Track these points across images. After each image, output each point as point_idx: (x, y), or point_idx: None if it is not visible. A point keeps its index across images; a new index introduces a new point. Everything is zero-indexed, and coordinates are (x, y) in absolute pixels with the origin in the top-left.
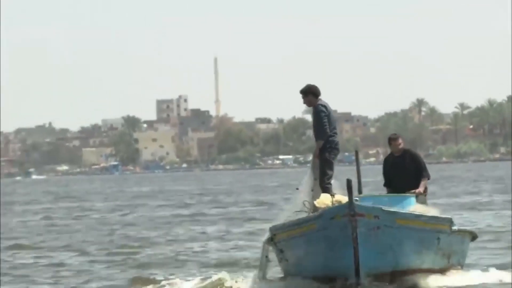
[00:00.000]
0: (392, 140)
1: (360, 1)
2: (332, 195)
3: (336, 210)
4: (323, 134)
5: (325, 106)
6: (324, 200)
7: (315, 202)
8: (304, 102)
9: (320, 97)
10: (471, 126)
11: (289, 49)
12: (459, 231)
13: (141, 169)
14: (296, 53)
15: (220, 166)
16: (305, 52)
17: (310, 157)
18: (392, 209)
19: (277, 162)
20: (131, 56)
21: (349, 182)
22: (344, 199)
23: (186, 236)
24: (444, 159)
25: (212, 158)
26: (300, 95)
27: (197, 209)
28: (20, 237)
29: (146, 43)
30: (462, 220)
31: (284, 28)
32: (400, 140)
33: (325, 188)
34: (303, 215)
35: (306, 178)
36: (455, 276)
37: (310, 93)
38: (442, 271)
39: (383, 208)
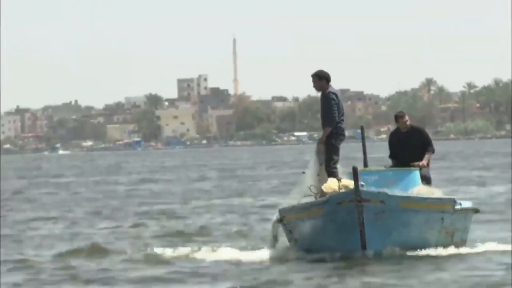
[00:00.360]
0: (399, 117)
1: None
2: (339, 180)
3: (343, 196)
4: (331, 121)
5: (335, 94)
6: (331, 185)
7: (322, 187)
8: (315, 86)
9: (330, 83)
10: (478, 105)
11: (304, 30)
12: (462, 209)
13: (162, 145)
14: (310, 35)
15: (238, 142)
16: (319, 34)
17: None
18: (396, 193)
19: (293, 138)
20: (154, 37)
21: (355, 170)
22: (351, 183)
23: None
24: (452, 136)
25: (230, 134)
26: (312, 79)
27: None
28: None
29: (168, 25)
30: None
31: (299, 10)
32: (406, 117)
33: (331, 172)
34: (310, 199)
35: (311, 163)
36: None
37: (324, 78)
38: (445, 248)
39: (389, 193)
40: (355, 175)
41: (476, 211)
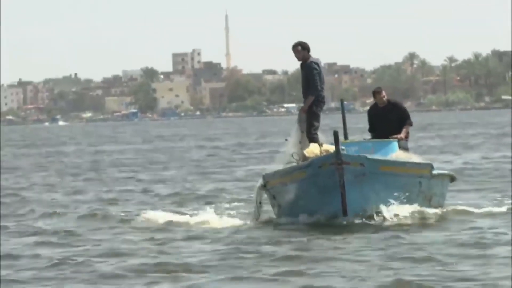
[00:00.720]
0: (376, 93)
1: None
2: (320, 145)
3: (324, 159)
4: (314, 89)
5: (317, 63)
6: (313, 150)
7: (304, 152)
8: (297, 56)
9: (310, 53)
10: (458, 78)
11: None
12: (439, 175)
13: (158, 116)
14: (299, 10)
15: (230, 114)
16: (308, 9)
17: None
18: (376, 157)
19: (282, 110)
20: (150, 13)
21: (335, 133)
22: (332, 148)
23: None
24: (433, 107)
25: (222, 106)
26: (294, 49)
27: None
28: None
29: (163, 2)
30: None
31: None
32: (383, 93)
33: (313, 138)
34: (293, 165)
35: (293, 131)
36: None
37: (306, 49)
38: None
39: (368, 157)
40: (336, 139)
41: (452, 178)
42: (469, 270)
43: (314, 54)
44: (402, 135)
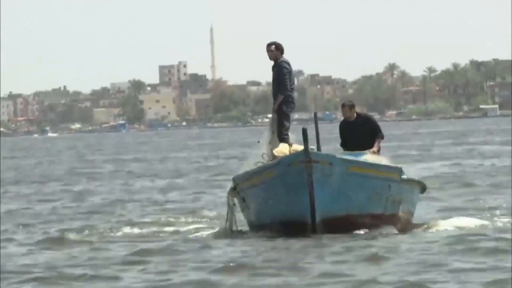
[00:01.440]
0: (344, 106)
1: None
2: (290, 145)
3: (293, 157)
4: (284, 89)
5: (288, 63)
6: (283, 149)
7: (274, 151)
8: (270, 55)
9: (283, 55)
10: (437, 88)
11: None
12: (408, 180)
13: (145, 127)
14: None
15: (216, 124)
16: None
17: (295, 117)
18: (345, 157)
19: (266, 120)
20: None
21: (304, 131)
22: (301, 148)
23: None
24: (414, 116)
25: (208, 117)
26: (268, 47)
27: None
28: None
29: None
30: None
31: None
32: (353, 110)
33: (283, 138)
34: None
35: (266, 132)
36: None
37: (280, 49)
38: (392, 216)
39: (337, 156)
40: (304, 136)
41: (423, 188)
42: None
43: (297, 65)
44: (375, 148)
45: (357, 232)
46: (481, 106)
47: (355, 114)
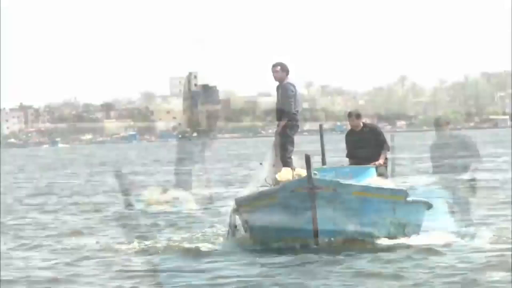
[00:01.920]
0: (351, 115)
1: None
2: (293, 169)
3: (296, 184)
4: (288, 113)
5: (293, 85)
6: (286, 174)
7: (276, 176)
8: (275, 76)
9: (288, 76)
10: (448, 99)
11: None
12: (414, 201)
13: (156, 138)
14: (293, 33)
15: (227, 135)
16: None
17: (305, 127)
18: (348, 182)
19: None
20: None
21: (307, 157)
22: (304, 172)
23: None
24: (425, 127)
25: (219, 128)
26: (273, 68)
27: None
28: None
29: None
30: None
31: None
32: (360, 119)
33: (286, 162)
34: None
35: (269, 154)
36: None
37: (286, 71)
38: (396, 240)
39: (340, 181)
40: (307, 163)
41: (429, 206)
42: None
43: (308, 76)
44: (381, 161)
45: (360, 254)
46: (491, 117)
47: (361, 124)
